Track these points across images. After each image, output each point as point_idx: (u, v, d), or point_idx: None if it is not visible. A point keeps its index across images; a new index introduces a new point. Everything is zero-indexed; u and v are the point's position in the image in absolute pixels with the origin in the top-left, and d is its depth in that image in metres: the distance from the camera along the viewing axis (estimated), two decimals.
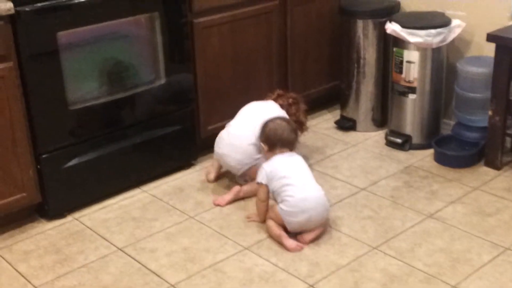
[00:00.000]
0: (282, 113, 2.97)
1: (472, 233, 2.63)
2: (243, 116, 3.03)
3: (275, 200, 2.66)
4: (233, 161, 2.93)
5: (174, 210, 2.88)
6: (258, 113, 2.96)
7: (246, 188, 2.92)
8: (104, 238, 2.69)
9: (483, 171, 3.11)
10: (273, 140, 2.74)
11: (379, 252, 2.54)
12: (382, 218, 2.77)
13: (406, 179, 3.08)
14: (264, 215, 2.70)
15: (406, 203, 2.87)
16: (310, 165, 3.21)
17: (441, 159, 3.20)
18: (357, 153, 3.34)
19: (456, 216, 2.76)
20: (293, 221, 2.57)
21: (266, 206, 2.70)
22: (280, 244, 2.58)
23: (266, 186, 2.64)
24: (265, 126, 2.79)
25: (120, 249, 2.61)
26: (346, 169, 3.18)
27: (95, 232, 2.74)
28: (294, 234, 2.61)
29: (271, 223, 2.63)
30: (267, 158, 2.75)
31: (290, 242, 2.57)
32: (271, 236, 2.63)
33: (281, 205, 2.58)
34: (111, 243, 2.65)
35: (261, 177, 2.66)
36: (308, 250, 2.56)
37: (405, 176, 3.10)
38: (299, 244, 2.58)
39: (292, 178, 2.60)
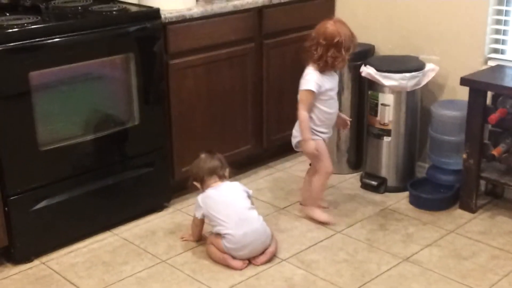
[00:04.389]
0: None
1: (448, 277, 2.60)
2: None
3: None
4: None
5: (145, 254, 2.81)
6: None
7: None
8: (72, 283, 2.60)
9: (458, 214, 3.10)
10: (199, 174, 2.80)
11: None
12: (358, 261, 2.73)
13: (381, 222, 3.05)
14: (198, 237, 2.86)
15: (382, 246, 2.84)
16: (284, 208, 3.19)
17: (416, 202, 3.19)
18: (332, 195, 3.32)
19: (432, 259, 2.73)
20: (239, 255, 2.67)
21: (200, 230, 2.85)
22: (226, 266, 2.67)
23: (202, 219, 2.78)
24: (191, 166, 2.86)
25: None
26: (322, 212, 3.15)
27: (63, 277, 2.65)
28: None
29: (212, 249, 2.72)
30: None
31: (235, 263, 2.67)
32: (215, 260, 2.71)
33: (224, 242, 2.66)
34: None
35: (196, 212, 2.77)
36: None
37: (380, 219, 3.08)
38: (244, 261, 2.68)
39: (227, 216, 2.67)
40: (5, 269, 2.71)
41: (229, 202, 2.72)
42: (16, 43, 2.54)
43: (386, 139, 3.31)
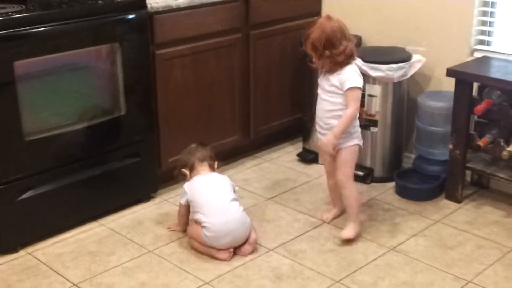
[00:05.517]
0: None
1: (434, 266, 2.62)
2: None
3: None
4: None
5: (132, 244, 2.80)
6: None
7: None
8: (59, 274, 2.59)
9: (444, 204, 3.12)
10: (190, 159, 2.82)
11: (342, 286, 2.50)
12: (345, 251, 2.74)
13: (368, 212, 3.06)
14: (184, 227, 2.84)
15: (369, 236, 2.85)
16: (271, 198, 3.19)
17: (403, 192, 3.21)
18: (319, 186, 3.32)
19: (418, 249, 2.75)
20: (219, 244, 2.66)
21: (186, 219, 2.83)
22: (212, 258, 2.67)
23: (186, 205, 2.77)
24: (182, 154, 2.88)
25: (75, 285, 2.51)
26: (309, 202, 3.16)
27: (49, 267, 2.63)
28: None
29: (195, 244, 2.73)
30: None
31: (221, 254, 2.67)
32: (200, 252, 2.71)
33: (204, 231, 2.65)
34: (66, 279, 2.55)
35: (182, 199, 2.77)
36: (270, 284, 2.51)
37: (367, 209, 3.09)
38: (230, 251, 2.67)
39: (208, 204, 2.67)
40: None
41: (213, 191, 2.72)
42: (1, 32, 2.50)
43: (373, 129, 3.31)
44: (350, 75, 2.72)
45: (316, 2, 3.74)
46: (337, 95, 2.74)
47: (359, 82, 2.72)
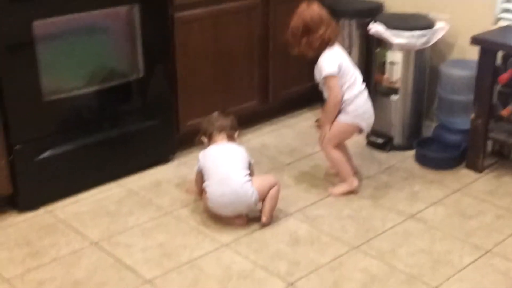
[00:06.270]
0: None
1: (453, 235, 2.60)
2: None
3: None
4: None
5: (150, 205, 2.81)
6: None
7: None
8: (78, 232, 2.60)
9: (465, 174, 3.09)
10: (208, 128, 2.78)
11: (360, 252, 2.49)
12: (363, 218, 2.73)
13: (386, 179, 3.04)
14: (200, 193, 2.77)
15: (387, 203, 2.83)
16: (289, 164, 3.18)
17: (423, 161, 3.18)
18: None
19: (437, 217, 2.73)
20: (221, 214, 2.64)
21: (201, 185, 2.72)
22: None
23: (200, 172, 2.73)
24: (202, 121, 2.84)
25: (94, 243, 2.53)
26: (327, 168, 3.13)
27: (68, 226, 2.65)
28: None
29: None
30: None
31: (235, 220, 2.64)
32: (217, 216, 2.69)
33: (207, 198, 2.64)
34: (85, 237, 2.57)
35: (196, 166, 2.75)
36: (287, 248, 2.51)
37: (386, 177, 3.07)
38: (242, 217, 2.65)
39: (214, 174, 2.63)
40: (10, 216, 2.71)
41: (221, 161, 2.66)
42: None
43: (394, 97, 3.27)
44: (324, 62, 2.78)
45: None
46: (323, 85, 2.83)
47: (330, 68, 2.76)
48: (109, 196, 2.87)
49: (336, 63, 2.77)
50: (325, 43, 2.78)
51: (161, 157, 3.16)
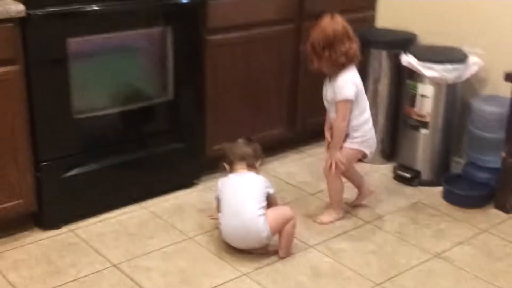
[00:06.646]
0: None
1: (479, 277, 2.54)
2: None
3: None
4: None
5: (173, 229, 2.79)
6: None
7: None
8: (99, 253, 2.60)
9: (493, 213, 3.03)
10: (230, 157, 2.73)
11: None
12: (387, 254, 2.68)
13: (413, 215, 2.99)
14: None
15: (413, 240, 2.78)
16: (313, 195, 3.14)
17: (450, 198, 3.12)
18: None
19: (463, 257, 2.67)
20: (236, 247, 2.61)
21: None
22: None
23: (218, 200, 2.69)
24: (224, 147, 2.79)
25: (114, 265, 2.52)
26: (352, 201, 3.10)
27: (90, 246, 2.65)
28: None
29: None
30: None
31: (258, 249, 2.60)
32: None
33: (221, 233, 2.63)
34: (106, 258, 2.56)
35: (215, 193, 2.71)
36: (308, 281, 2.47)
37: (412, 213, 3.02)
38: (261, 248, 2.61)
39: (227, 206, 2.59)
40: (33, 233, 2.72)
41: (236, 192, 2.60)
42: (56, 8, 2.52)
43: (423, 131, 3.23)
44: (346, 84, 2.70)
45: None
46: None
47: (349, 93, 2.69)
48: (132, 218, 2.87)
49: (355, 87, 2.72)
50: (349, 61, 2.70)
51: (186, 181, 3.15)
